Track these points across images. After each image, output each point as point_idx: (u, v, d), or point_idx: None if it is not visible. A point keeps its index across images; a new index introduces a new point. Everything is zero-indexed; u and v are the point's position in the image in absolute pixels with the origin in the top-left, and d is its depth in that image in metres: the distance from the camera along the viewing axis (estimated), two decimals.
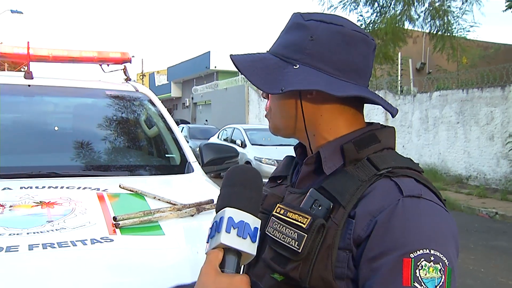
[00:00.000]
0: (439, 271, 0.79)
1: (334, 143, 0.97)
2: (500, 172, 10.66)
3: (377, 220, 0.83)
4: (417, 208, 0.84)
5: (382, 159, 0.92)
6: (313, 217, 0.87)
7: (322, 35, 0.94)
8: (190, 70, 38.36)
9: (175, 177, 2.52)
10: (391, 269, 0.79)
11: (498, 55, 16.14)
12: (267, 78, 0.95)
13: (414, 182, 0.88)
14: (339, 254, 0.85)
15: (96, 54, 3.21)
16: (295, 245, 0.87)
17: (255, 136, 13.00)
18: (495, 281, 4.90)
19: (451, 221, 0.87)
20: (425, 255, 0.79)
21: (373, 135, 0.97)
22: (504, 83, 10.54)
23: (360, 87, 0.95)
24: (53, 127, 2.84)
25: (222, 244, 0.85)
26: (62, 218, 1.72)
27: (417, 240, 0.80)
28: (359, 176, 0.90)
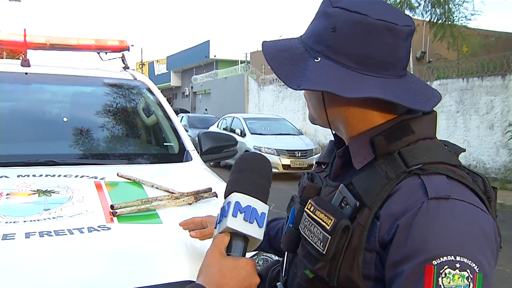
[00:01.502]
0: (466, 279, 0.74)
1: (364, 135, 0.92)
2: (500, 161, 10.67)
3: (399, 224, 0.80)
4: (443, 211, 0.79)
5: (414, 153, 0.87)
6: (337, 219, 0.84)
7: (343, 25, 0.88)
8: (190, 59, 38.25)
9: (173, 166, 2.52)
10: (412, 276, 0.76)
11: (499, 43, 16.07)
12: (290, 70, 0.91)
13: (444, 180, 0.83)
14: (365, 255, 0.83)
15: (93, 42, 3.18)
16: (320, 246, 0.86)
17: (255, 125, 12.99)
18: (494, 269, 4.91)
19: (485, 222, 0.81)
20: (449, 262, 0.74)
21: (406, 126, 0.91)
22: (505, 71, 10.51)
23: (384, 81, 0.88)
24: (51, 115, 2.83)
25: (228, 228, 0.86)
26: (59, 206, 1.72)
27: (440, 246, 0.76)
28: (388, 172, 0.86)
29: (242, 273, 0.84)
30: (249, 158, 0.96)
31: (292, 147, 11.43)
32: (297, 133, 12.98)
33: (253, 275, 0.85)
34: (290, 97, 19.57)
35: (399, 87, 0.89)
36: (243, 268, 0.84)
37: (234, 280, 0.82)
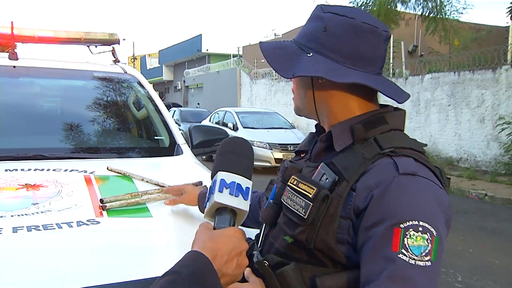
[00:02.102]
0: (426, 240, 0.89)
1: (345, 123, 1.09)
2: (490, 154, 10.74)
3: (374, 194, 0.94)
4: (410, 185, 0.94)
5: (387, 139, 1.04)
6: (319, 188, 0.99)
7: (334, 26, 1.05)
8: (182, 53, 38.07)
9: (164, 159, 2.50)
10: (382, 236, 0.90)
11: (490, 37, 16.13)
12: (285, 63, 1.08)
13: (412, 161, 0.99)
14: (340, 222, 0.98)
15: (83, 35, 3.14)
16: (302, 212, 1.00)
17: (247, 119, 12.97)
18: (483, 261, 4.97)
19: (443, 197, 0.97)
20: (414, 225, 0.89)
21: (382, 117, 1.08)
22: (495, 65, 10.56)
23: (366, 75, 1.05)
24: (40, 109, 2.79)
25: (216, 202, 0.94)
26: (48, 201, 1.70)
27: (407, 213, 0.91)
28: (364, 154, 1.02)
29: (233, 239, 0.91)
30: (230, 141, 1.08)
31: (285, 141, 11.44)
32: (290, 127, 12.98)
33: (242, 241, 0.93)
34: (283, 91, 19.55)
35: (379, 81, 1.07)
36: (233, 235, 0.92)
37: (226, 246, 0.89)
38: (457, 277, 4.47)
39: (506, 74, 10.34)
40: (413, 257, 0.88)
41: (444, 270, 4.63)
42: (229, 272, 0.89)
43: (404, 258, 0.88)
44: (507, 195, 8.32)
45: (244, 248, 0.93)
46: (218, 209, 0.95)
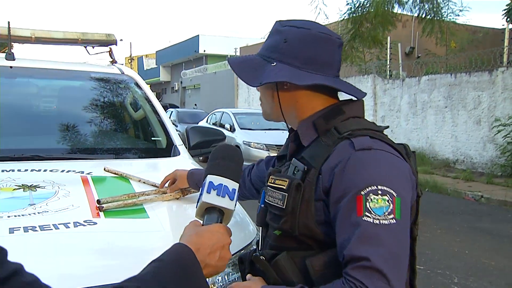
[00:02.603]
0: (387, 201, 0.99)
1: (308, 120, 1.20)
2: (487, 156, 10.77)
3: (335, 172, 1.06)
4: (366, 157, 1.05)
5: (346, 125, 1.14)
6: (290, 179, 1.11)
7: (293, 37, 1.17)
8: (179, 54, 38.02)
9: (161, 160, 2.50)
10: (347, 206, 1.01)
11: (486, 39, 16.18)
12: (252, 74, 1.19)
13: (367, 138, 1.09)
14: (316, 204, 1.08)
15: (80, 36, 3.14)
16: (280, 203, 1.11)
17: (244, 120, 12.96)
18: (479, 262, 4.98)
19: (400, 163, 1.09)
20: (373, 190, 1.00)
21: (339, 108, 1.19)
22: (492, 67, 10.59)
23: (325, 77, 1.16)
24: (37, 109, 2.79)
25: (204, 202, 1.02)
26: (45, 201, 1.70)
27: (365, 180, 1.01)
28: (327, 142, 1.13)
29: (217, 234, 0.99)
30: (220, 148, 1.17)
31: (281, 142, 11.28)
32: (286, 128, 12.96)
33: (226, 236, 1.00)
34: None
35: (338, 81, 1.20)
36: (217, 231, 0.99)
37: (210, 240, 0.97)
38: (453, 278, 4.48)
39: (502, 76, 10.37)
40: (376, 217, 0.97)
41: (440, 271, 4.64)
42: (211, 263, 0.96)
43: (368, 219, 0.98)
44: (503, 196, 8.33)
45: (227, 242, 1.00)
46: (207, 209, 1.03)
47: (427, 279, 4.41)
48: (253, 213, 2.03)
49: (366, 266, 0.94)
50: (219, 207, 1.02)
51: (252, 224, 1.92)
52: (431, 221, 6.58)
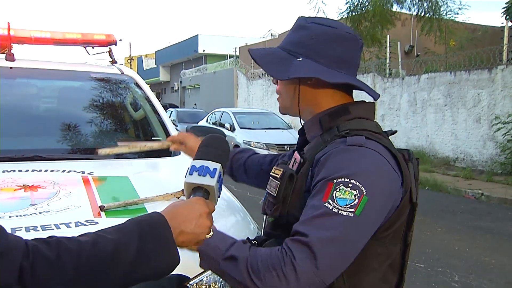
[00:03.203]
0: (354, 196, 1.02)
1: (315, 116, 1.24)
2: (487, 154, 10.78)
3: (320, 160, 1.11)
4: (352, 151, 1.08)
5: (346, 125, 1.17)
6: (284, 170, 1.17)
7: (320, 35, 1.20)
8: (179, 54, 38.04)
9: (162, 160, 2.50)
10: (318, 189, 1.06)
11: (485, 37, 16.18)
12: (277, 67, 1.20)
13: (362, 137, 1.11)
14: (305, 195, 1.12)
15: (80, 36, 3.14)
16: (273, 191, 1.17)
17: (244, 119, 12.97)
18: (480, 260, 4.99)
19: (386, 168, 1.09)
20: (345, 182, 1.03)
21: (346, 108, 1.22)
22: (491, 65, 10.60)
23: (348, 76, 1.20)
24: (37, 110, 2.79)
25: (186, 183, 1.09)
26: (46, 201, 1.70)
27: (342, 171, 1.05)
28: (325, 138, 1.17)
29: (193, 205, 1.02)
30: (206, 138, 1.23)
31: (282, 141, 11.44)
32: (286, 127, 12.98)
33: (203, 207, 1.03)
34: None
35: (359, 81, 1.23)
36: (195, 202, 1.03)
37: (185, 210, 1.00)
38: (454, 276, 4.49)
39: (501, 74, 10.38)
40: (336, 207, 1.01)
41: (441, 269, 4.65)
42: (187, 230, 0.99)
43: (329, 206, 1.02)
44: (503, 194, 8.34)
45: (204, 211, 1.02)
46: (194, 189, 1.09)
47: (427, 277, 4.42)
48: (253, 213, 2.04)
49: (302, 241, 1.00)
50: (201, 185, 1.09)
51: (252, 223, 1.92)
52: (431, 220, 6.59)
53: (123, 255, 0.86)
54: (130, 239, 0.89)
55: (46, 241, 0.84)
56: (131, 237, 0.89)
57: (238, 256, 1.05)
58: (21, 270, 0.77)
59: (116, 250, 0.86)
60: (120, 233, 0.90)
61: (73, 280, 0.81)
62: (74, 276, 0.81)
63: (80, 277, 0.81)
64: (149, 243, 0.90)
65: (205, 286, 1.59)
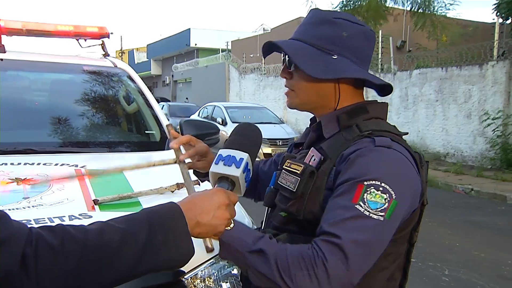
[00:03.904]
0: (384, 199, 1.02)
1: (333, 113, 1.23)
2: (477, 149, 10.87)
3: (349, 158, 1.08)
4: (382, 153, 1.08)
5: (367, 125, 1.17)
6: (306, 166, 1.14)
7: (353, 32, 1.19)
8: (170, 48, 37.85)
9: (155, 154, 2.49)
10: (346, 190, 1.04)
11: (476, 33, 16.26)
12: (312, 64, 1.17)
13: (389, 139, 1.11)
14: (325, 193, 1.10)
15: (72, 28, 3.11)
16: (292, 186, 1.14)
17: (236, 113, 12.95)
18: (470, 255, 5.04)
19: (412, 172, 1.10)
20: (376, 185, 1.02)
21: (363, 107, 1.22)
22: (482, 61, 10.66)
23: (370, 73, 1.22)
24: (29, 103, 2.76)
25: (211, 172, 1.09)
26: (39, 195, 1.69)
27: (373, 173, 1.04)
28: (346, 137, 1.16)
29: (212, 196, 1.00)
30: (236, 127, 1.24)
31: (274, 136, 11.44)
32: (278, 121, 12.99)
33: (222, 198, 1.00)
34: (271, 86, 19.55)
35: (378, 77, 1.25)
36: (214, 193, 1.01)
37: (203, 201, 0.98)
38: (445, 270, 4.53)
39: (492, 70, 10.45)
40: (368, 210, 1.01)
41: (431, 264, 4.69)
42: (204, 221, 0.97)
43: (360, 208, 1.01)
44: (492, 189, 8.42)
45: (223, 203, 1.00)
46: (219, 179, 1.09)
47: (418, 271, 4.45)
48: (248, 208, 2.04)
49: (334, 243, 0.99)
50: (225, 175, 1.08)
51: (247, 217, 1.92)
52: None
53: (130, 245, 0.85)
54: (139, 229, 0.87)
55: (51, 229, 0.82)
56: (140, 227, 0.87)
57: (268, 251, 1.03)
58: (24, 257, 0.76)
59: (123, 240, 0.84)
60: (129, 222, 0.88)
61: (77, 268, 0.79)
62: (78, 264, 0.79)
63: (84, 265, 0.80)
64: (160, 234, 0.88)
65: (200, 280, 1.59)
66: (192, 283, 1.57)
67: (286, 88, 1.30)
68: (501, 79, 10.27)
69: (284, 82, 1.29)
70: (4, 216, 0.80)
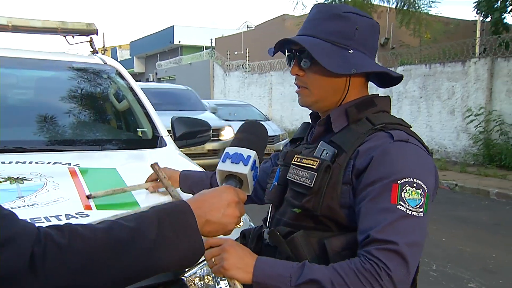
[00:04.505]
0: (419, 195, 1.03)
1: (341, 107, 1.22)
2: (460, 145, 11.02)
3: (373, 156, 1.08)
4: (405, 148, 1.09)
5: (378, 118, 1.17)
6: (321, 160, 1.13)
7: (364, 26, 1.20)
8: (154, 45, 37.55)
9: (148, 151, 2.47)
10: (381, 191, 1.04)
11: (458, 30, 16.47)
12: (330, 59, 1.16)
13: (403, 132, 1.13)
14: (342, 187, 1.11)
15: (59, 25, 3.06)
16: (308, 182, 1.12)
17: (221, 111, 12.89)
18: (456, 249, 5.11)
19: (431, 161, 1.13)
20: (410, 182, 1.04)
21: (372, 100, 1.23)
22: (465, 58, 10.81)
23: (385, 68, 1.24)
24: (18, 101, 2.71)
25: (218, 170, 1.08)
26: (34, 194, 1.66)
27: (404, 171, 1.05)
28: (359, 130, 1.16)
29: (221, 193, 0.99)
30: (243, 124, 1.22)
31: None
32: (264, 119, 12.97)
33: (231, 195, 1.00)
34: (256, 83, 19.54)
35: None
36: (223, 191, 1.00)
37: (213, 198, 0.98)
38: (432, 265, 4.59)
39: (474, 67, 10.60)
40: (409, 208, 1.01)
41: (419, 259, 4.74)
42: (214, 219, 0.96)
43: (402, 208, 1.01)
44: (476, 185, 8.55)
45: (232, 200, 0.99)
46: (226, 177, 1.08)
47: None
48: None
49: (392, 250, 0.98)
50: (233, 173, 1.07)
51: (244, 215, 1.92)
52: None
53: (139, 243, 0.84)
54: (148, 227, 0.86)
55: (59, 228, 0.81)
56: (149, 225, 0.86)
57: (320, 278, 0.99)
58: (32, 256, 0.75)
59: (132, 238, 0.83)
60: (138, 220, 0.87)
61: (86, 267, 0.78)
62: (87, 263, 0.79)
63: (93, 264, 0.79)
64: (169, 232, 0.87)
65: (199, 278, 1.59)
66: (191, 281, 1.57)
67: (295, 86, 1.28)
68: (483, 76, 10.42)
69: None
70: (11, 214, 0.79)
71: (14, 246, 0.74)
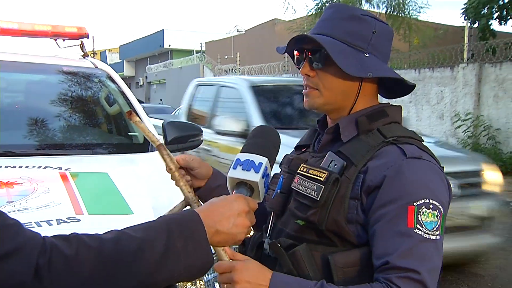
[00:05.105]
0: (436, 217, 1.00)
1: (351, 116, 1.17)
2: None
3: (386, 175, 1.03)
4: (419, 167, 1.05)
5: (390, 130, 1.12)
6: (330, 173, 1.07)
7: (380, 30, 1.16)
8: (144, 49, 37.44)
9: (139, 156, 2.46)
10: (397, 214, 1.00)
11: (447, 36, 16.61)
12: (346, 61, 1.11)
13: (415, 147, 1.09)
14: (350, 202, 1.06)
15: (50, 28, 3.05)
16: (314, 194, 1.07)
17: None
18: None
19: (445, 177, 1.09)
20: (426, 204, 1.00)
21: (383, 111, 1.17)
22: (453, 63, 10.92)
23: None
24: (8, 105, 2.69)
25: (229, 178, 1.05)
26: (24, 198, 1.65)
27: (419, 192, 1.01)
28: (369, 142, 1.10)
29: (232, 202, 0.96)
30: (254, 129, 1.20)
31: None
32: None
33: (242, 205, 0.96)
34: None
35: None
36: (234, 200, 0.97)
37: (223, 207, 0.95)
38: None
39: (463, 72, 10.71)
40: (427, 232, 0.98)
41: None
42: (224, 229, 0.93)
43: (420, 232, 0.98)
44: None
45: (243, 210, 0.96)
46: (237, 184, 1.05)
47: None
48: None
49: (414, 279, 0.96)
50: (244, 181, 1.04)
51: None
52: None
53: (147, 254, 0.82)
54: (157, 237, 0.84)
55: (66, 238, 0.80)
56: (158, 235, 0.84)
57: None
58: (37, 266, 0.74)
59: (140, 249, 0.81)
60: (146, 231, 0.85)
61: (92, 278, 0.77)
62: (93, 274, 0.77)
63: (100, 275, 0.78)
64: (178, 242, 0.85)
65: (191, 283, 1.58)
66: (183, 286, 1.56)
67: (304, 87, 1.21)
68: (471, 81, 10.53)
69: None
70: (16, 224, 0.78)
71: (20, 257, 0.73)
